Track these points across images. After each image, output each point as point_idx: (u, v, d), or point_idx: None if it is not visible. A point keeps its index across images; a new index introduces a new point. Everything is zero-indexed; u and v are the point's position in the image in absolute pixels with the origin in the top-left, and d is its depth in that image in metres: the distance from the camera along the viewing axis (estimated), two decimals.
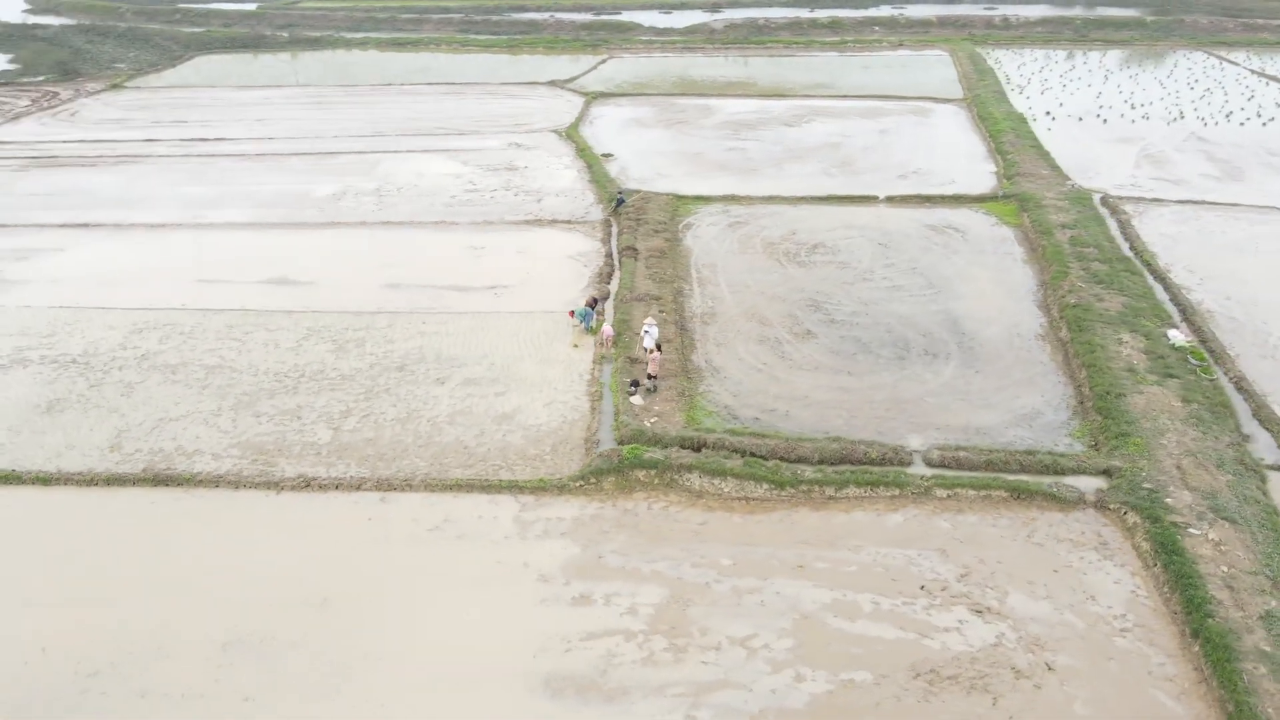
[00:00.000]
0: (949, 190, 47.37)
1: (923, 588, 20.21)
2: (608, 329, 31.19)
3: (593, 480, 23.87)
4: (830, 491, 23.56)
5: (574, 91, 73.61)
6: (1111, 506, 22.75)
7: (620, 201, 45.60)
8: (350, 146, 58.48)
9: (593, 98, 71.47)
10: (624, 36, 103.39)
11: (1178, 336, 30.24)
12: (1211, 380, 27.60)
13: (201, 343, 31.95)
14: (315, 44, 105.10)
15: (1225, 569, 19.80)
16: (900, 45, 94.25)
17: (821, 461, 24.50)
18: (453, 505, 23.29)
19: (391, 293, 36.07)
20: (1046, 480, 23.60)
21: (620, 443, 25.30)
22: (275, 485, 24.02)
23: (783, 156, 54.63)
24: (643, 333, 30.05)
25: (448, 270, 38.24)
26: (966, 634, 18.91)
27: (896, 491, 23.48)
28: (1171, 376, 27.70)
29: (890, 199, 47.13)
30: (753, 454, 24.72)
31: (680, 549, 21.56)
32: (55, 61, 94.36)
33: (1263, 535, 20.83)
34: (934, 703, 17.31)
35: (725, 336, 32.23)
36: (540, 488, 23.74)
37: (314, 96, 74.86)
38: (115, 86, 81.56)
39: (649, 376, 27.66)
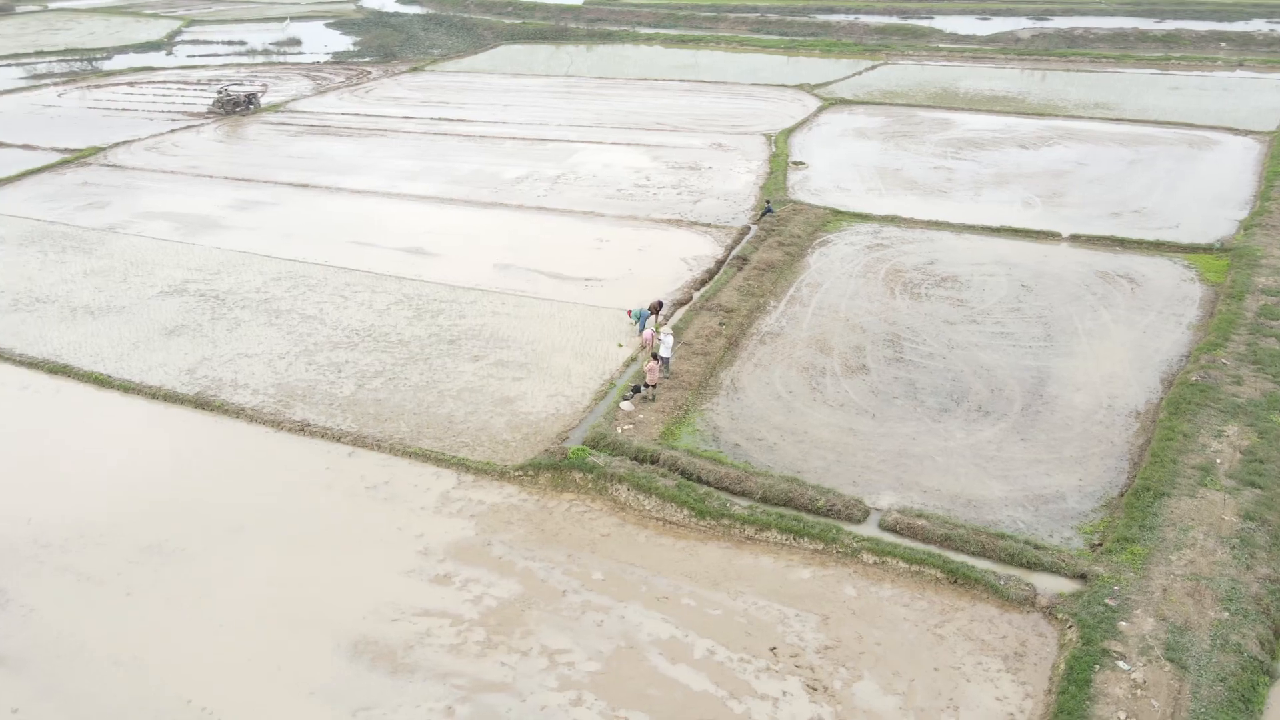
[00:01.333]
0: (1159, 235, 41.17)
1: (773, 649, 18.74)
2: (648, 333, 31.27)
3: (530, 473, 24.46)
4: (750, 531, 22.30)
5: (818, 96, 72.43)
6: (1059, 616, 19.44)
7: (768, 211, 44.77)
8: (564, 135, 62.12)
9: (831, 104, 69.95)
10: (911, 42, 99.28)
11: None
12: None
13: (315, 295, 36.37)
14: (608, 38, 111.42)
15: (1123, 718, 16.35)
16: (1239, 65, 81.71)
17: (764, 499, 23.17)
18: (402, 470, 25.01)
19: (497, 273, 38.51)
20: (999, 570, 20.61)
21: (585, 443, 25.56)
22: (277, 424, 27.18)
23: (988, 180, 50.33)
24: (656, 341, 29.83)
25: (560, 258, 39.99)
26: (781, 708, 17.36)
27: (820, 546, 21.71)
28: (1255, 486, 22.72)
29: (1075, 238, 41.99)
30: (700, 479, 23.93)
31: (566, 554, 21.64)
32: (385, 45, 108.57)
33: (1210, 691, 16.85)
34: None
35: (772, 358, 31.01)
36: (484, 470, 24.76)
37: (568, 87, 79.92)
38: (416, 69, 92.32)
39: (646, 385, 27.54)
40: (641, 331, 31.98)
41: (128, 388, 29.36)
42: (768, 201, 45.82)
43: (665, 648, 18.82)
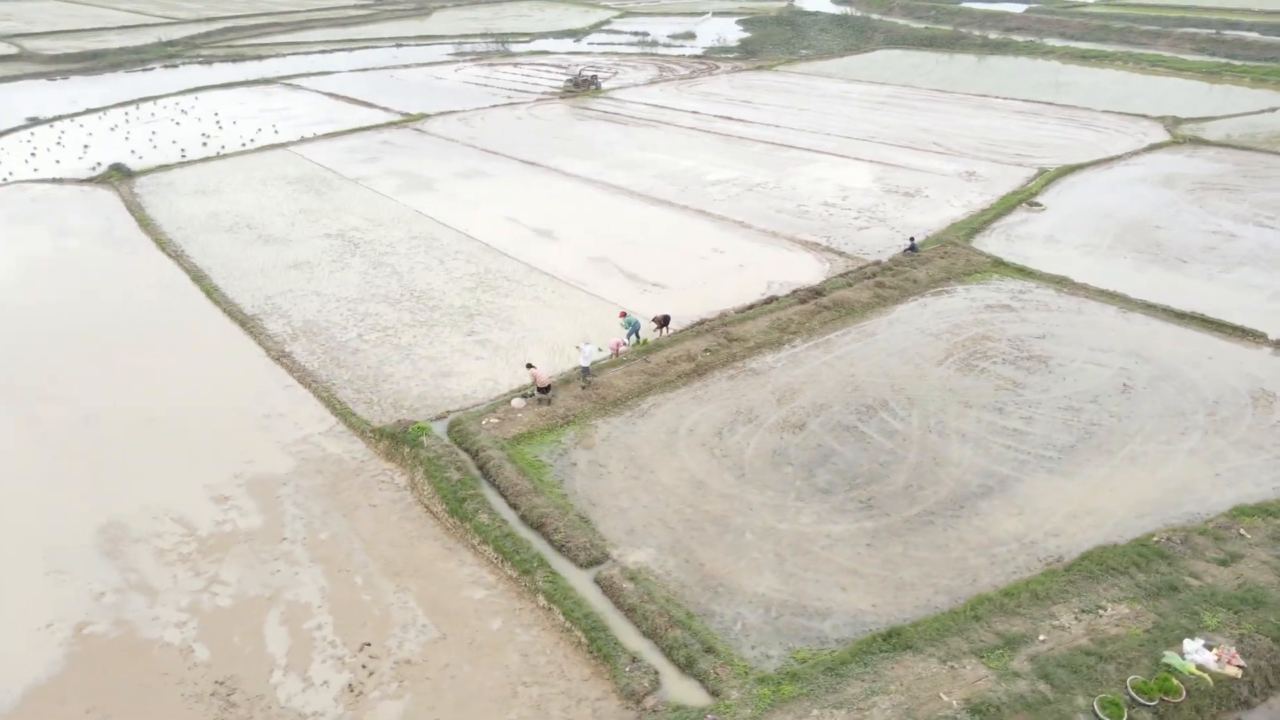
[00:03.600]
0: None
1: (367, 645, 19.41)
2: (617, 340, 31.44)
3: (376, 437, 26.79)
4: (476, 540, 22.48)
5: (1172, 132, 62.05)
6: (649, 715, 17.40)
7: (911, 248, 40.85)
8: (819, 145, 60.96)
9: (1177, 142, 60.12)
10: None
11: (1196, 653, 17.99)
12: None
13: (421, 256, 41.42)
14: (1004, 48, 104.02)
15: None
16: None
17: (523, 518, 23.14)
18: (305, 409, 28.59)
19: (584, 264, 40.33)
20: (650, 660, 18.76)
21: (450, 426, 27.23)
22: (270, 352, 32.46)
23: (1265, 259, 40.32)
24: (575, 348, 29.89)
25: (653, 260, 40.52)
26: (310, 693, 18.28)
27: (515, 574, 21.34)
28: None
29: None
30: (494, 483, 24.50)
31: (324, 510, 23.65)
32: (759, 42, 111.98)
33: None
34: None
35: (716, 396, 29.34)
36: (354, 425, 27.53)
37: (888, 97, 77.16)
38: (763, 67, 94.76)
39: (540, 390, 28.13)
40: (629, 337, 31.96)
41: (219, 301, 36.70)
42: (911, 239, 41.36)
43: (296, 611, 20.27)
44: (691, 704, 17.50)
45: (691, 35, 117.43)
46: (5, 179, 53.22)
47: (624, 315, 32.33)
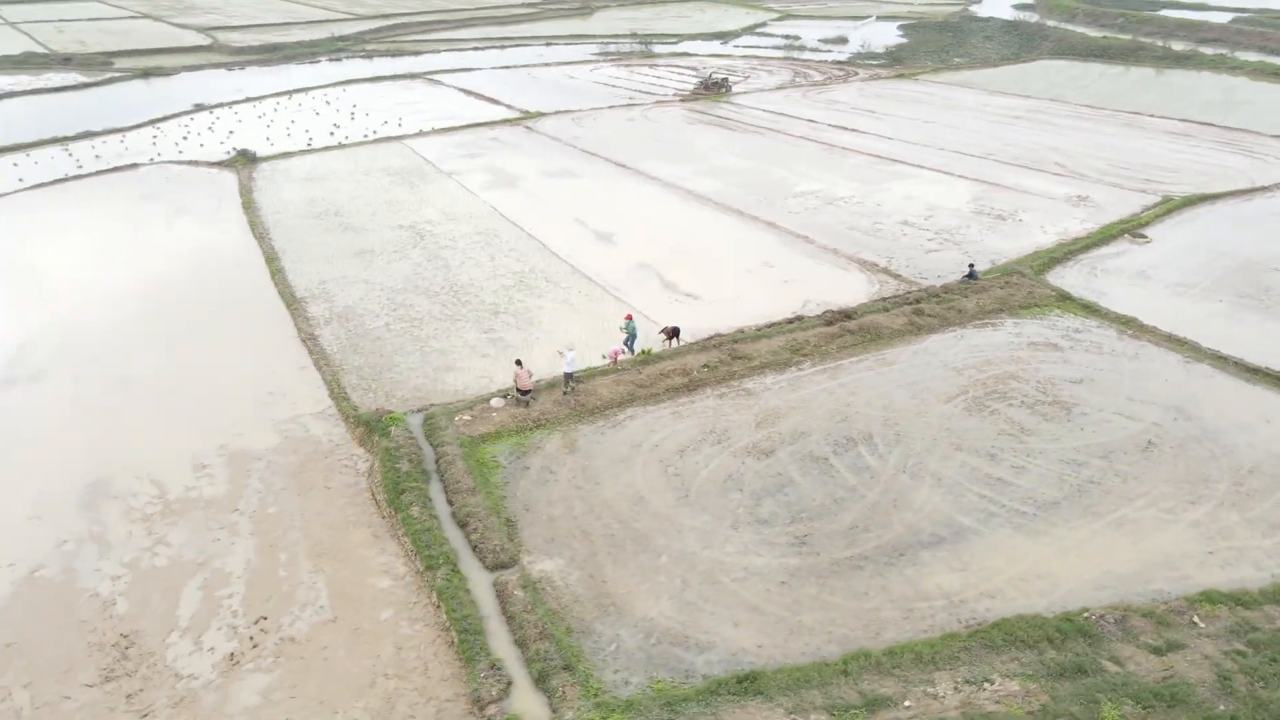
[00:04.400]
0: None
1: (264, 618, 20.76)
2: (616, 348, 31.71)
3: (354, 418, 28.28)
4: (402, 533, 23.46)
5: None
6: None
7: (970, 275, 38.88)
8: (922, 159, 58.75)
9: None
10: None
11: None
12: None
13: (477, 252, 42.68)
14: (1186, 61, 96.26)
15: None
16: None
17: (454, 515, 23.91)
18: (306, 390, 30.44)
19: (627, 270, 40.53)
20: (506, 670, 19.12)
21: (426, 417, 28.42)
22: (301, 334, 34.72)
23: None
24: (557, 353, 30.25)
25: (699, 271, 40.16)
26: (202, 654, 19.76)
27: (422, 568, 22.16)
28: None
29: None
30: (444, 479, 25.41)
31: (282, 487, 25.22)
32: (908, 48, 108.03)
33: None
34: None
35: (700, 413, 28.95)
36: (346, 410, 29.13)
37: (1027, 111, 73.33)
38: (903, 75, 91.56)
39: (520, 391, 28.78)
40: (626, 343, 32.14)
41: (279, 282, 39.42)
42: (970, 265, 39.14)
43: (216, 578, 21.87)
44: (531, 717, 17.54)
45: (843, 40, 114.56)
46: (153, 159, 59.01)
47: (629, 318, 32.34)
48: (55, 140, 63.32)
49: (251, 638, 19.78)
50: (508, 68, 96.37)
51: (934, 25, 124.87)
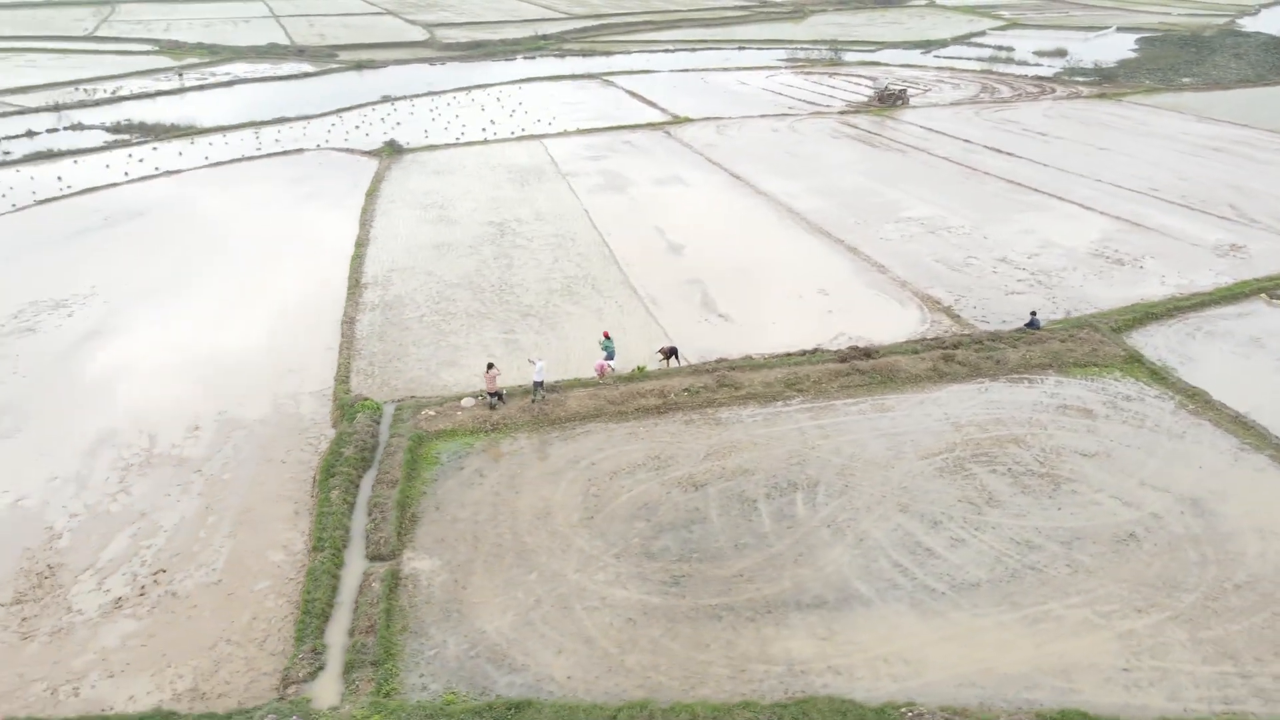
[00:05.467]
0: None
1: (154, 582, 23.26)
2: (603, 363, 32.23)
3: (339, 401, 30.61)
4: (316, 512, 25.41)
5: None
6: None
7: (1031, 324, 35.95)
8: (1064, 190, 54.45)
9: None
10: None
11: None
12: None
13: (552, 253, 43.88)
14: None
15: None
16: None
17: (367, 503, 25.59)
18: (318, 365, 33.36)
19: (674, 286, 40.10)
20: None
21: (399, 407, 30.32)
22: (347, 313, 37.76)
23: None
24: (528, 361, 30.93)
25: (747, 292, 39.24)
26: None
27: (309, 546, 23.94)
28: None
29: None
30: (378, 472, 27.19)
31: (241, 462, 28.17)
32: (1132, 64, 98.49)
33: None
34: None
35: (651, 435, 29.24)
36: (336, 391, 31.71)
37: (1231, 142, 66.33)
38: (1104, 95, 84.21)
39: (489, 394, 29.95)
40: (608, 356, 32.42)
41: (354, 268, 42.90)
42: (1032, 313, 35.93)
43: (147, 530, 24.75)
44: (317, 703, 18.64)
45: (1061, 53, 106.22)
46: (319, 145, 65.39)
47: (606, 335, 32.55)
48: (251, 124, 71.45)
49: (143, 588, 22.13)
50: (685, 71, 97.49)
51: (1176, 40, 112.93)
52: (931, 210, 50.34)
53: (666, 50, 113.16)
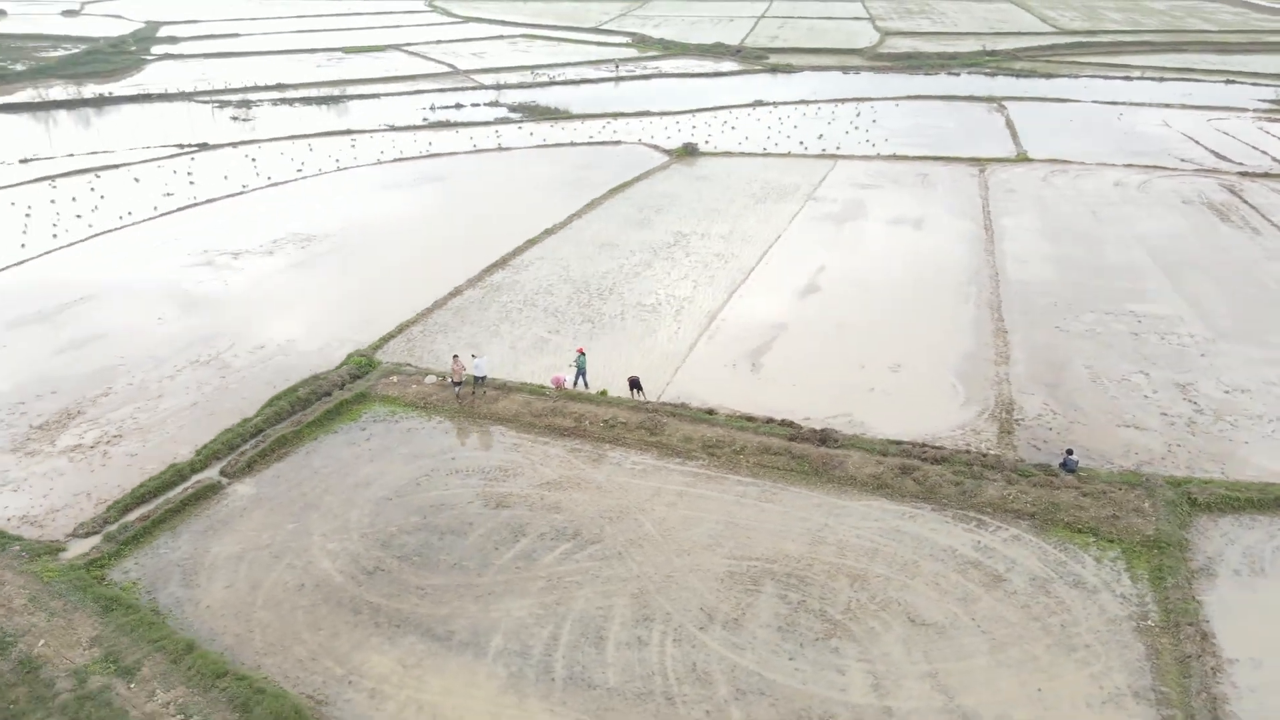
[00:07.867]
0: None
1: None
2: (560, 375, 33.95)
3: (352, 365, 36.52)
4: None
5: None
6: None
7: (1065, 465, 29.56)
8: None
9: None
10: None
11: None
12: None
13: (686, 275, 44.22)
14: None
15: None
16: None
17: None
18: (382, 324, 40.12)
19: (756, 325, 38.17)
20: None
21: (385, 365, 35.52)
22: (463, 294, 43.81)
23: None
24: (470, 356, 33.39)
25: (811, 346, 36.54)
26: None
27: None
28: None
29: None
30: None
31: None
32: None
33: None
34: None
35: (524, 450, 30.71)
36: (371, 349, 37.85)
37: None
38: None
39: (454, 382, 33.25)
40: (576, 378, 33.79)
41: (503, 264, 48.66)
42: (1069, 451, 28.82)
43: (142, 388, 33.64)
44: None
45: None
46: (640, 140, 71.85)
47: (581, 352, 33.60)
48: (603, 115, 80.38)
49: (98, 446, 30.34)
50: (1112, 104, 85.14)
51: None
52: (1170, 308, 40.22)
53: (1126, 78, 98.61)
